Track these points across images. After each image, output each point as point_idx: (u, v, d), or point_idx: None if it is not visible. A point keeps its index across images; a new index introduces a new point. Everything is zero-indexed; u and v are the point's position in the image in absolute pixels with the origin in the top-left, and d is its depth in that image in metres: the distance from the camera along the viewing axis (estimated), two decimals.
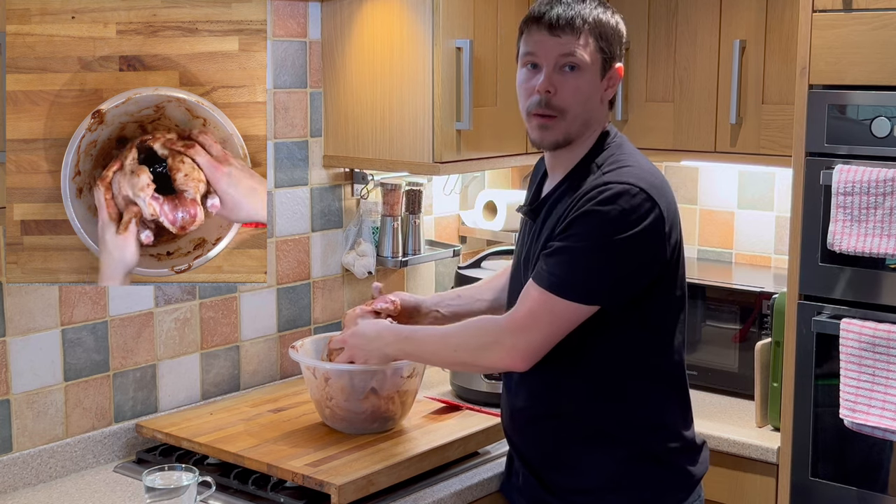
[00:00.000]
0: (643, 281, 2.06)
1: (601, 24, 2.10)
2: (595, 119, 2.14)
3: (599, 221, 2.01)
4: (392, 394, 2.40)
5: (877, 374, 2.41)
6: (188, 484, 2.17)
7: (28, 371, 2.38)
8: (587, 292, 2.03)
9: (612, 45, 2.12)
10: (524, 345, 2.07)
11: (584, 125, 2.12)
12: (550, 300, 2.03)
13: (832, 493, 2.56)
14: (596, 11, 2.10)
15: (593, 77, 2.10)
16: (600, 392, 2.13)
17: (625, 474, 2.14)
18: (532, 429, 2.22)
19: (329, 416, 2.44)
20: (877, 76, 2.42)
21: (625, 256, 2.02)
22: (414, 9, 2.70)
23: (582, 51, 2.08)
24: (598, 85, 2.12)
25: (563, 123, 2.10)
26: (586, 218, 2.02)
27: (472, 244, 3.39)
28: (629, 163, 2.10)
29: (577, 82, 2.09)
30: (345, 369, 2.34)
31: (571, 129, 2.11)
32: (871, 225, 2.40)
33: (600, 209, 2.01)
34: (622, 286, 2.05)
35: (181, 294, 2.66)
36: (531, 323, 2.06)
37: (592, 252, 2.01)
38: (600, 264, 2.02)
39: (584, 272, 2.03)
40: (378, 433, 2.44)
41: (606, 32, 2.11)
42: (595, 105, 2.13)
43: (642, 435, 2.15)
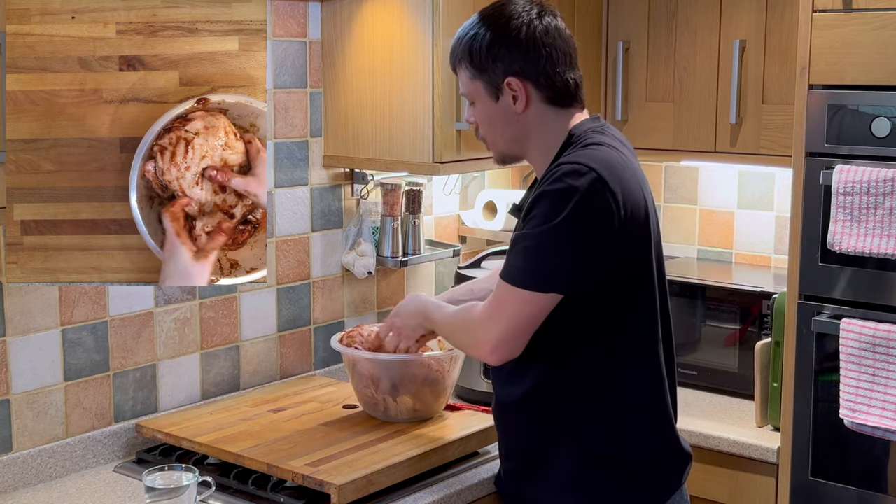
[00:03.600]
0: (602, 266, 2.02)
1: (469, 52, 2.14)
2: (523, 131, 2.15)
3: (549, 201, 1.99)
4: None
5: (877, 374, 2.41)
6: (188, 484, 2.17)
7: (28, 371, 2.38)
8: (542, 280, 2.02)
9: (483, 65, 2.12)
10: (491, 337, 2.07)
11: (512, 141, 2.17)
12: (510, 292, 2.04)
13: (832, 493, 2.56)
14: (466, 40, 2.15)
15: (487, 103, 2.15)
16: (570, 390, 2.11)
17: (585, 475, 2.12)
18: (504, 419, 2.25)
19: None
20: (877, 76, 2.42)
21: (576, 238, 1.99)
22: (414, 9, 2.70)
23: (465, 86, 2.18)
24: (496, 106, 2.14)
25: (493, 147, 2.20)
26: (537, 202, 2.02)
27: (472, 244, 3.39)
28: (587, 151, 2.06)
29: (480, 114, 2.17)
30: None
31: (502, 148, 2.19)
32: (871, 225, 2.40)
33: (548, 189, 2.00)
34: (578, 271, 2.01)
35: (181, 294, 2.66)
36: (497, 314, 2.07)
37: (544, 237, 1.99)
38: (552, 249, 2.00)
39: (538, 259, 2.01)
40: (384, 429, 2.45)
41: (474, 56, 2.13)
42: (510, 121, 2.14)
43: (611, 437, 2.11)
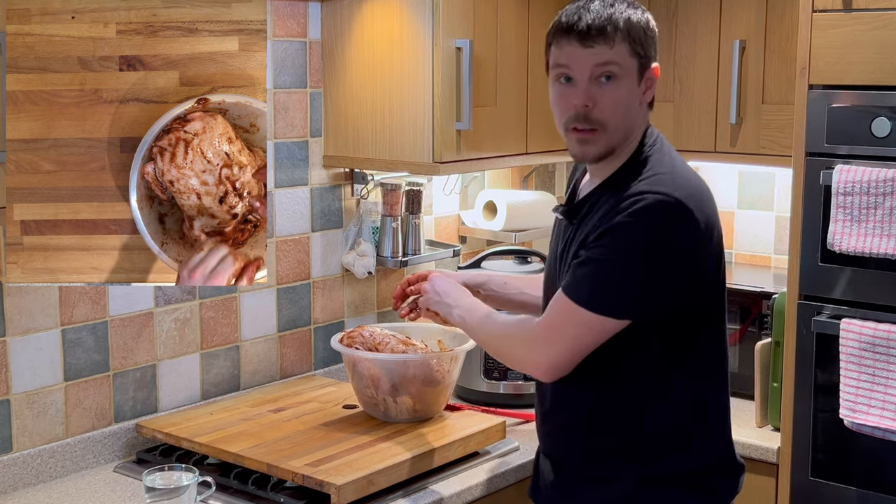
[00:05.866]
0: (676, 296, 1.99)
1: (633, 26, 1.99)
2: (636, 125, 2.06)
3: (632, 233, 1.94)
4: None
5: (877, 374, 2.41)
6: (188, 484, 2.17)
7: (28, 371, 2.38)
8: (616, 305, 1.96)
9: (646, 46, 2.02)
10: (548, 357, 2.02)
11: (625, 134, 2.04)
12: (577, 312, 1.97)
13: (832, 493, 2.56)
14: (626, 13, 1.99)
15: (631, 84, 2.01)
16: (625, 411, 2.08)
17: (646, 493, 2.08)
18: (557, 437, 2.19)
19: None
20: (877, 76, 2.42)
21: (656, 269, 1.95)
22: (414, 9, 2.70)
23: (617, 59, 1.98)
24: (636, 91, 2.03)
25: (605, 136, 2.01)
26: (619, 229, 1.94)
27: (472, 244, 3.39)
28: (666, 170, 2.01)
29: (616, 93, 1.99)
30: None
31: (613, 140, 2.02)
32: (871, 225, 2.40)
33: (632, 221, 1.93)
34: (653, 299, 1.97)
35: (181, 294, 2.66)
36: (556, 335, 2.01)
37: (623, 264, 1.95)
38: (631, 277, 1.95)
39: (614, 285, 1.96)
40: (383, 429, 2.45)
41: (639, 34, 2.00)
42: (635, 111, 2.04)
43: (666, 456, 2.08)
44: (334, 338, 2.60)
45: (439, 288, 2.32)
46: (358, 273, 2.99)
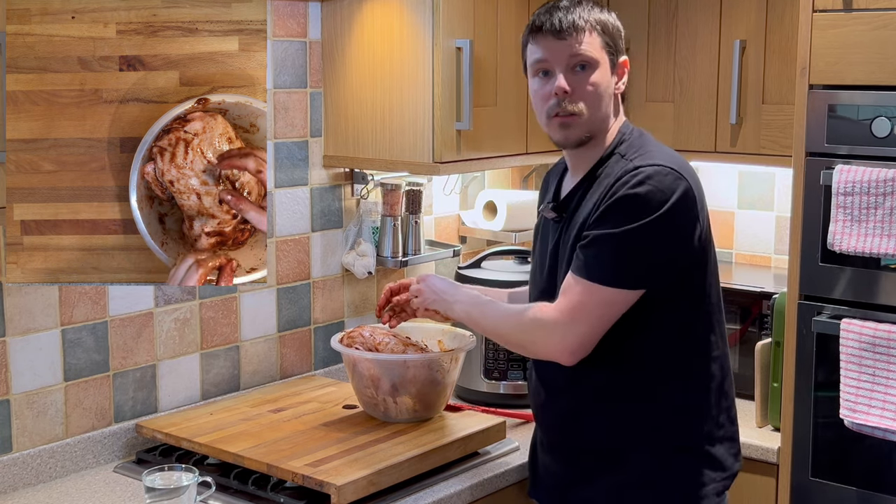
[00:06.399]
0: (681, 259, 2.09)
1: (601, 21, 2.16)
2: (611, 113, 2.20)
3: (636, 204, 2.03)
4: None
5: (877, 374, 2.41)
6: (188, 484, 2.17)
7: (28, 371, 2.38)
8: (633, 277, 2.06)
9: (614, 39, 2.18)
10: (573, 338, 2.08)
11: (603, 119, 2.17)
12: (598, 290, 2.05)
13: (832, 493, 2.56)
14: (593, 11, 2.17)
15: (604, 72, 2.16)
16: (636, 389, 2.15)
17: (661, 467, 2.15)
18: (561, 425, 2.23)
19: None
20: (877, 76, 2.42)
21: (663, 235, 2.04)
22: (414, 9, 2.70)
23: (589, 48, 2.13)
24: (610, 80, 2.17)
25: (584, 120, 2.15)
26: (622, 202, 2.04)
27: (472, 244, 3.39)
28: (654, 148, 2.15)
29: (591, 79, 2.14)
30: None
31: (593, 125, 2.16)
32: (871, 225, 2.40)
33: (636, 191, 2.04)
34: (664, 266, 2.07)
35: (181, 294, 2.66)
36: (581, 315, 2.07)
37: (633, 236, 2.03)
38: (641, 247, 2.04)
39: (627, 257, 2.05)
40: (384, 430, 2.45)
41: (608, 28, 2.17)
42: (609, 100, 2.18)
43: (680, 430, 2.16)
44: (334, 338, 2.60)
45: (435, 286, 2.36)
46: (358, 273, 2.99)
